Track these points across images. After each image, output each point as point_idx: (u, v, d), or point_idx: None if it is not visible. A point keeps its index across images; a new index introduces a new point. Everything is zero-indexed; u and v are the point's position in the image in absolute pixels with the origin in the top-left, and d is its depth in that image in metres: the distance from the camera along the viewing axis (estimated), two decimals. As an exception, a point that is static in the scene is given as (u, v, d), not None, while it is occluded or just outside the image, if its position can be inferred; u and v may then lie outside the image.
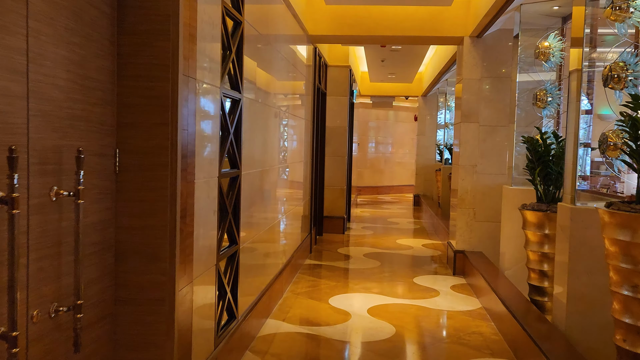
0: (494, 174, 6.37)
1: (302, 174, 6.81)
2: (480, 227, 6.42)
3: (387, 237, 9.12)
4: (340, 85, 9.14)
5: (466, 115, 6.40)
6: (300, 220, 6.77)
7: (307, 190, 7.31)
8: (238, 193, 3.58)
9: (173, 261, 2.43)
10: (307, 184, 7.32)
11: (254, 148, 4.17)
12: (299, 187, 6.60)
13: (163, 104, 2.39)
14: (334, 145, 9.16)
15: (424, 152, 13.99)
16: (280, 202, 5.38)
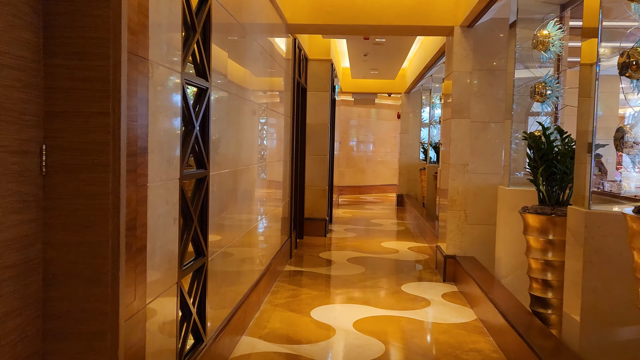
0: (487, 174, 5.96)
1: (281, 174, 6.34)
2: (472, 231, 6.01)
3: (371, 239, 8.68)
4: (321, 80, 8.68)
5: (456, 111, 5.98)
6: (280, 223, 6.30)
7: (287, 191, 6.84)
8: (206, 197, 3.10)
9: (116, 285, 1.94)
10: (287, 184, 6.85)
11: (226, 145, 3.68)
12: (278, 188, 6.13)
13: (103, 88, 1.90)
14: (315, 144, 8.69)
15: (408, 150, 13.60)
16: (258, 204, 4.90)
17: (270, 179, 5.59)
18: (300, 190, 8.38)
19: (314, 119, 8.67)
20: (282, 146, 6.35)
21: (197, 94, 2.99)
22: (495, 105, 5.93)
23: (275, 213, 5.92)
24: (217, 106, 3.43)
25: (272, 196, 5.74)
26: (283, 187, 6.50)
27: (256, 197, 4.80)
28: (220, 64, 3.42)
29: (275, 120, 5.81)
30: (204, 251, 3.05)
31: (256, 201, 4.81)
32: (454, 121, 5.98)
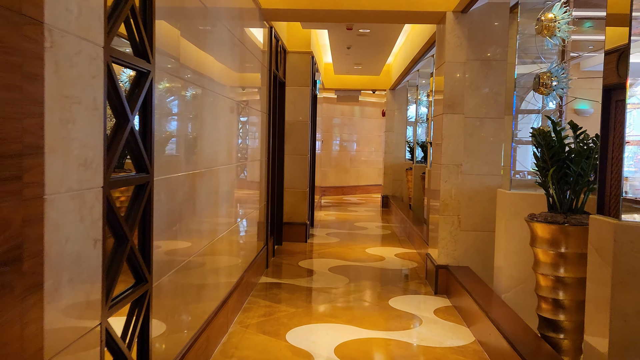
0: (483, 175, 5.40)
1: (256, 175, 5.73)
2: (467, 238, 5.45)
3: (355, 245, 8.09)
4: (301, 74, 8.07)
5: (449, 106, 5.41)
6: (255, 230, 5.69)
7: (263, 193, 6.22)
8: (148, 207, 2.47)
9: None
10: (263, 186, 6.24)
11: (181, 144, 3.07)
12: (252, 191, 5.52)
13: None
14: (295, 142, 8.08)
15: (393, 149, 13.04)
16: (227, 210, 4.29)
17: (243, 181, 4.98)
18: (279, 193, 7.77)
19: (294, 115, 8.06)
20: (257, 145, 5.74)
21: (136, 78, 2.36)
22: (492, 100, 5.37)
23: (249, 219, 5.31)
24: (167, 96, 2.81)
25: (245, 200, 5.12)
26: (259, 190, 5.88)
27: (224, 202, 4.19)
28: (170, 44, 2.80)
29: (249, 116, 5.20)
30: (145, 275, 2.43)
31: (224, 207, 4.19)
32: (446, 117, 5.42)
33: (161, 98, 2.69)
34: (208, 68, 3.59)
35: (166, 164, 2.75)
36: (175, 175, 2.92)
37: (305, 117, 8.09)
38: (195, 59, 3.29)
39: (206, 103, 3.58)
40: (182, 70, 3.00)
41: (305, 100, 8.09)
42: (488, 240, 5.39)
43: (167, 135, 2.80)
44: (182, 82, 3.02)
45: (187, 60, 3.10)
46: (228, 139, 4.28)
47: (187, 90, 3.15)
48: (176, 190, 2.94)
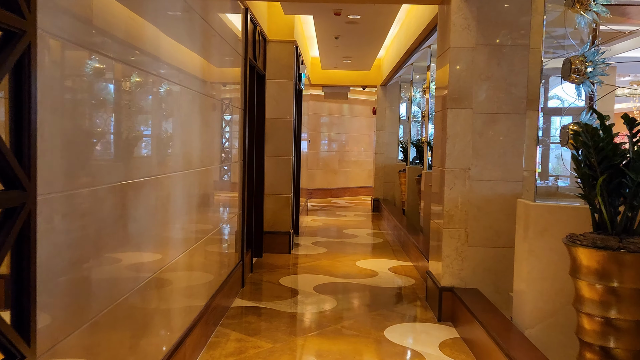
0: (495, 181, 4.58)
1: (229, 181, 4.87)
2: (475, 255, 4.63)
3: (344, 257, 7.25)
4: (283, 67, 7.21)
5: (455, 99, 4.59)
6: (228, 244, 4.84)
7: (238, 201, 5.37)
8: (26, 240, 1.61)
9: None
10: (239, 192, 5.38)
11: (100, 145, 2.21)
12: (224, 199, 4.66)
13: None
14: (277, 142, 7.23)
15: (384, 149, 12.22)
16: (186, 227, 3.43)
17: (211, 188, 4.12)
18: (258, 199, 6.91)
19: (275, 112, 7.20)
20: (231, 145, 4.88)
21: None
22: (505, 92, 4.55)
23: (219, 232, 4.46)
24: (72, 74, 1.95)
25: (214, 210, 4.27)
26: (233, 197, 5.02)
27: (181, 217, 3.33)
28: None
29: (218, 111, 4.35)
30: (16, 350, 1.57)
31: (180, 223, 3.34)
32: (451, 113, 4.59)
33: (59, 76, 1.83)
34: (152, 43, 2.73)
35: (68, 174, 1.89)
36: (88, 189, 2.05)
37: (288, 114, 7.24)
38: (126, 26, 2.43)
39: (149, 91, 2.72)
40: (97, 37, 2.14)
41: (289, 96, 7.24)
42: (500, 258, 4.58)
43: (71, 133, 1.94)
44: (99, 57, 2.16)
45: (107, 24, 2.23)
46: (186, 138, 3.41)
47: (111, 70, 2.28)
48: (89, 210, 2.07)
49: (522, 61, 4.51)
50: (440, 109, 4.89)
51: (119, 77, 2.36)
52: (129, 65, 2.46)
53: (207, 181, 3.96)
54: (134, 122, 2.54)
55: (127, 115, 2.46)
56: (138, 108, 2.59)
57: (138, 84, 2.57)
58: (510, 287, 4.47)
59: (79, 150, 2.00)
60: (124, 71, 2.41)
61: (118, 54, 2.33)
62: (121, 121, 2.39)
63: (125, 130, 2.44)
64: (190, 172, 3.47)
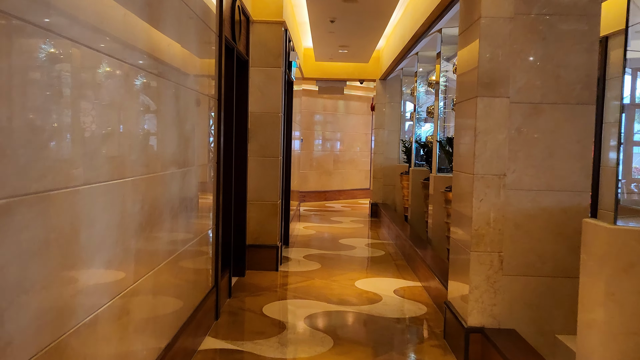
0: (539, 191, 3.55)
1: (197, 188, 3.81)
2: (512, 286, 3.59)
3: (341, 274, 6.21)
4: (270, 52, 6.16)
5: (487, 85, 3.55)
6: (195, 268, 3.79)
7: (211, 212, 4.32)
8: None
9: None
10: (212, 201, 4.33)
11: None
12: (189, 212, 3.61)
13: None
14: (262, 141, 6.18)
15: (384, 149, 11.18)
16: (122, 257, 2.39)
17: (161, 201, 3.06)
18: (239, 207, 5.85)
19: (261, 105, 6.15)
20: (198, 143, 3.82)
21: None
22: (553, 75, 3.52)
23: (182, 256, 3.41)
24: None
25: (168, 230, 3.21)
26: (200, 209, 3.97)
27: (111, 245, 2.28)
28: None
29: (179, 99, 3.29)
30: None
31: (111, 253, 2.29)
32: (482, 102, 3.55)
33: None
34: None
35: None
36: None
37: (276, 107, 6.19)
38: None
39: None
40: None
41: (276, 86, 6.18)
42: (544, 291, 3.55)
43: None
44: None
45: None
46: (111, 133, 2.36)
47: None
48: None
49: (575, 36, 3.47)
50: (464, 99, 3.85)
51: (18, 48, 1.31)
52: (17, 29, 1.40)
53: (158, 192, 2.89)
54: (22, 114, 1.49)
55: (15, 103, 1.40)
56: (43, 94, 1.54)
57: (48, 57, 1.51)
58: (558, 329, 3.44)
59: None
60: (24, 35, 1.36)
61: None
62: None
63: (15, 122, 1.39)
64: (122, 183, 2.41)
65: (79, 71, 1.97)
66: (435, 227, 6.66)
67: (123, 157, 2.41)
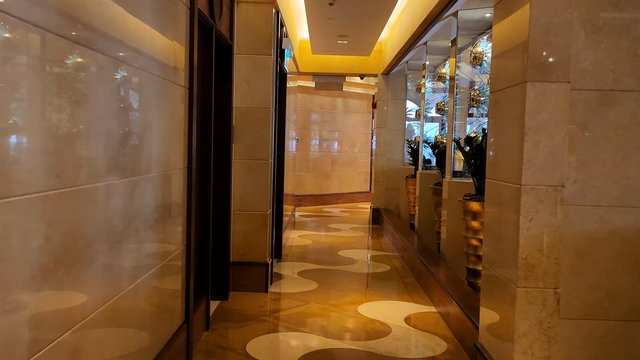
0: (610, 207, 2.67)
1: (152, 201, 2.92)
2: (573, 333, 2.71)
3: (342, 297, 5.32)
4: (259, 37, 5.27)
5: (540, 66, 2.66)
6: (157, 303, 2.90)
7: (181, 229, 3.42)
8: None
9: None
10: (181, 217, 3.44)
11: None
12: (144, 234, 2.72)
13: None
14: (250, 141, 5.29)
15: (386, 150, 10.30)
16: (26, 310, 1.51)
17: (101, 221, 2.17)
18: (222, 219, 4.96)
19: (248, 99, 5.26)
20: (158, 145, 2.93)
21: None
22: (630, 53, 2.64)
23: (135, 291, 2.53)
24: None
25: (115, 261, 2.32)
26: (163, 228, 3.07)
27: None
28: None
29: (126, 84, 2.41)
30: None
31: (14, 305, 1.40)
32: (534, 89, 2.66)
33: None
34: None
35: None
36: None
37: (265, 102, 5.29)
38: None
39: None
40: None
41: (266, 77, 5.29)
42: (617, 339, 2.67)
43: None
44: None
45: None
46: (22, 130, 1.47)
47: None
48: None
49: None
50: (505, 86, 2.96)
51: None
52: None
53: (80, 214, 1.99)
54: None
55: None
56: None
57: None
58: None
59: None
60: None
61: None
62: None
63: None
64: (4, 204, 1.51)
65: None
66: (450, 240, 5.78)
67: (5, 163, 1.51)
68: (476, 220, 4.92)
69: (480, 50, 5.68)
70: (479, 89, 5.85)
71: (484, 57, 5.66)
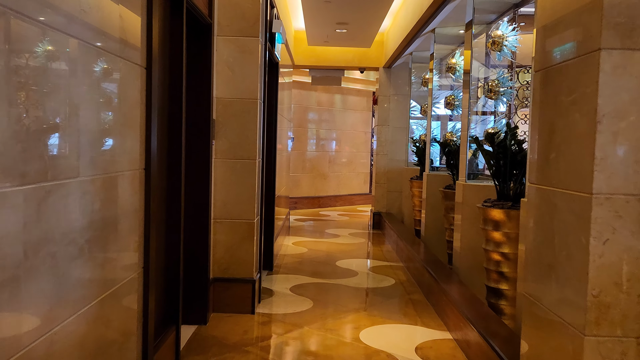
0: None
1: (80, 216, 2.17)
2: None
3: (340, 318, 4.57)
4: (244, 16, 4.51)
5: (619, 28, 1.91)
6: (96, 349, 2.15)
7: (136, 250, 2.67)
8: None
9: None
10: (137, 233, 2.68)
11: None
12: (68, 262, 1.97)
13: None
14: (233, 137, 4.53)
15: (388, 149, 9.55)
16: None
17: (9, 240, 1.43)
18: (199, 228, 4.21)
19: (231, 89, 4.50)
20: (96, 137, 2.18)
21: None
22: None
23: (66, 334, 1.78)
24: None
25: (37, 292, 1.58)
26: (107, 247, 2.32)
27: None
28: None
29: (49, 51, 1.66)
30: None
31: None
32: (611, 60, 1.91)
33: None
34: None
35: None
36: None
37: (251, 92, 4.54)
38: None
39: None
40: None
41: (252, 64, 4.53)
42: None
43: None
44: None
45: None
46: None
47: None
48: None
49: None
50: (562, 60, 2.20)
51: None
52: None
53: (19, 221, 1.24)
54: None
55: None
56: None
57: None
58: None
59: None
60: None
61: None
62: None
63: None
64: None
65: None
66: (465, 252, 5.03)
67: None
68: (498, 230, 4.17)
69: (500, 33, 4.94)
70: (497, 79, 5.11)
71: (505, 41, 4.92)
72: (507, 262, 4.16)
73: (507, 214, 4.10)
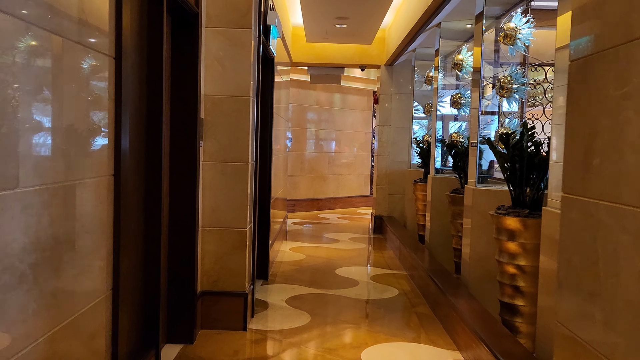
0: None
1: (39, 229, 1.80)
2: None
3: (340, 338, 4.19)
4: (235, 5, 4.13)
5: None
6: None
7: (103, 270, 2.31)
8: None
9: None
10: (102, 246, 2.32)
11: None
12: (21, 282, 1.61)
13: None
14: (224, 138, 4.15)
15: (390, 151, 9.17)
16: None
17: None
18: (184, 239, 3.83)
19: (221, 85, 4.12)
20: (52, 136, 1.81)
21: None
22: None
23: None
24: None
25: None
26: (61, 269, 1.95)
27: None
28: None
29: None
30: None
31: None
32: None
33: None
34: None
35: None
36: None
37: (243, 89, 4.16)
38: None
39: None
40: None
41: (245, 58, 4.15)
42: None
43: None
44: None
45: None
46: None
47: None
48: None
49: None
50: (609, 46, 1.82)
51: None
52: None
53: None
54: None
55: None
56: None
57: None
58: None
59: None
60: None
61: None
62: None
63: None
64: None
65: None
66: (475, 262, 4.66)
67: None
68: (514, 240, 3.80)
69: (513, 25, 4.57)
70: (509, 75, 4.73)
71: (519, 34, 4.54)
72: (523, 275, 3.78)
73: (524, 223, 3.72)
